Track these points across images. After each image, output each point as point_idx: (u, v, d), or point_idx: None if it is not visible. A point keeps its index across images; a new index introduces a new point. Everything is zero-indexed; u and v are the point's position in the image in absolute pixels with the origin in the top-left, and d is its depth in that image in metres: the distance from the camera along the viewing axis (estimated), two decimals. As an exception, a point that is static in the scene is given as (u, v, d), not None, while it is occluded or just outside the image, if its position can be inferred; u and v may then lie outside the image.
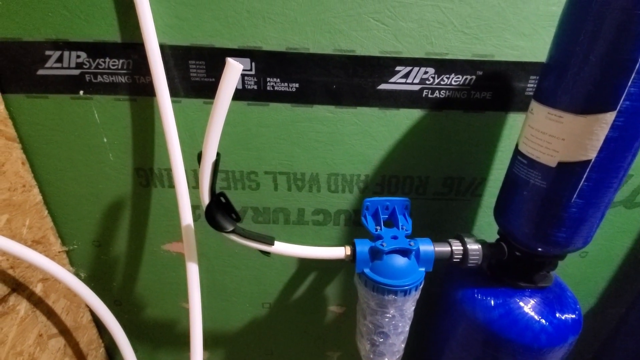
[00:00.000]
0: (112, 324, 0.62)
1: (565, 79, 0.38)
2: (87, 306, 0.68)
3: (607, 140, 0.37)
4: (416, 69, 0.50)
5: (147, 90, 0.50)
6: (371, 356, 0.54)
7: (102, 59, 0.49)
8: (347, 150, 0.56)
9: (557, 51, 0.39)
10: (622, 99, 0.35)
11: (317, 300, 0.70)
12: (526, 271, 0.50)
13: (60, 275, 0.54)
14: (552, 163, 0.40)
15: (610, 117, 0.36)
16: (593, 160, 0.38)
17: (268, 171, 0.57)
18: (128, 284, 0.68)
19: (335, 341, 0.76)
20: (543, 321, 0.47)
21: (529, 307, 0.48)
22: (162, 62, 0.47)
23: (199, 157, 0.41)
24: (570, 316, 0.49)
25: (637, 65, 0.33)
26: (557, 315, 0.48)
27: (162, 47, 0.47)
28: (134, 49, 0.48)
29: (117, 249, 0.64)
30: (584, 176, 0.39)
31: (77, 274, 0.65)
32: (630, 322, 0.68)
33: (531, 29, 0.48)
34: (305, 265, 0.67)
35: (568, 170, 0.39)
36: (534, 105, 0.42)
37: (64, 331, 0.64)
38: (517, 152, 0.45)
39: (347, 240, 0.63)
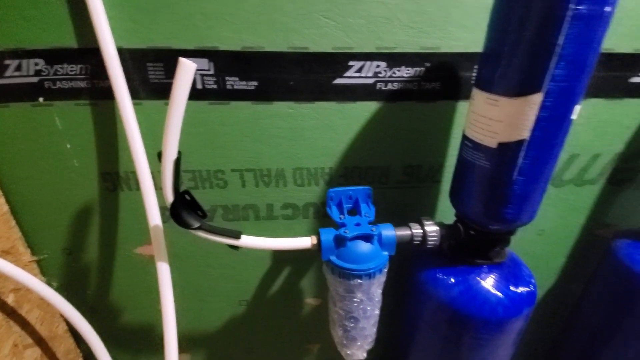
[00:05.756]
0: (88, 332, 0.62)
1: (497, 65, 0.41)
2: (62, 316, 0.68)
3: (539, 120, 0.40)
4: (368, 63, 0.52)
5: (108, 94, 0.51)
6: (344, 342, 0.56)
7: (60, 65, 0.50)
8: (309, 144, 0.58)
9: (490, 40, 0.43)
10: (547, 81, 0.38)
11: (293, 293, 0.72)
12: (481, 248, 0.53)
13: (31, 285, 0.54)
14: (493, 144, 0.43)
15: (537, 98, 0.39)
16: (528, 139, 0.41)
17: (234, 169, 0.59)
18: (102, 290, 0.67)
19: (314, 333, 0.77)
20: (499, 294, 0.50)
21: (485, 282, 0.51)
22: (120, 66, 0.48)
23: (159, 156, 0.42)
24: (524, 289, 0.52)
25: (559, 48, 0.37)
26: (512, 288, 0.51)
27: (120, 51, 0.48)
28: (91, 54, 0.49)
29: (89, 256, 0.64)
30: (521, 154, 0.42)
31: (48, 284, 0.64)
32: (591, 295, 0.71)
33: (472, 22, 0.51)
34: (279, 259, 0.68)
35: (507, 150, 0.42)
36: (475, 91, 0.45)
37: (40, 341, 0.64)
38: (464, 137, 0.48)
39: (317, 232, 0.65)
